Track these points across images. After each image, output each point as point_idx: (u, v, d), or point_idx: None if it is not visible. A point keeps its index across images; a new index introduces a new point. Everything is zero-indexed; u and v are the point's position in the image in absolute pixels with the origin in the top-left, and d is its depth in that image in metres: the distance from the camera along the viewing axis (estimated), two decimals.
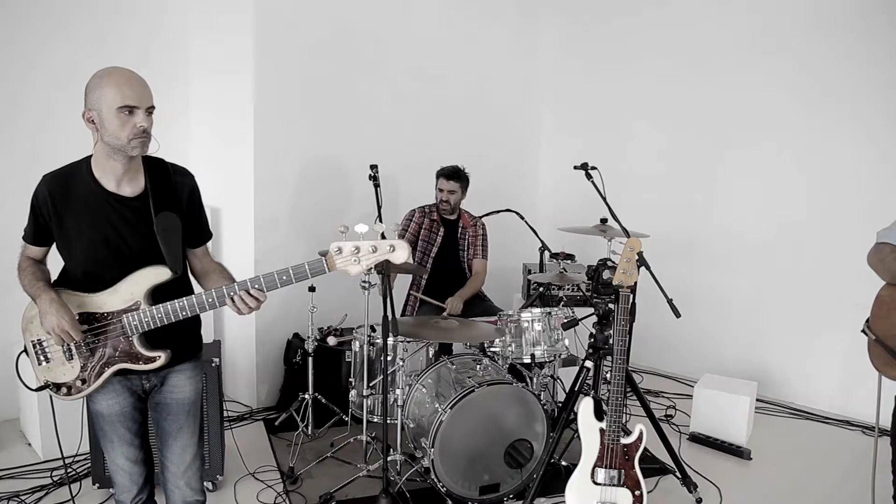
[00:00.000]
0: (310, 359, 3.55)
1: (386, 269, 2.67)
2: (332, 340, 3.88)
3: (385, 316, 2.64)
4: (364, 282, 3.18)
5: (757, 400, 3.99)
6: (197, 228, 2.00)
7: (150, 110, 1.79)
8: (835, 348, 4.13)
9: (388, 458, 3.12)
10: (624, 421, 3.70)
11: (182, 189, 1.93)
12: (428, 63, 4.77)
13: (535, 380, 3.22)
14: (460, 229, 4.05)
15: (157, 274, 1.85)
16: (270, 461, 3.38)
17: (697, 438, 3.72)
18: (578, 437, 2.59)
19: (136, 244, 1.85)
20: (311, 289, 3.51)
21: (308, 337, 3.54)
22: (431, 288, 3.98)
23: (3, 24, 3.53)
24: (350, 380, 3.44)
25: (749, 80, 4.46)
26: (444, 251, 4.00)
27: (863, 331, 1.90)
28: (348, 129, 4.33)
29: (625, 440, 2.59)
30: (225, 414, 3.53)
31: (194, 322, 2.03)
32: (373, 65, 4.46)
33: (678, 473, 3.08)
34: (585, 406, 2.63)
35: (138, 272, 1.85)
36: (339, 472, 3.19)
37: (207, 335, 3.89)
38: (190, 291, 1.99)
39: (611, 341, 2.80)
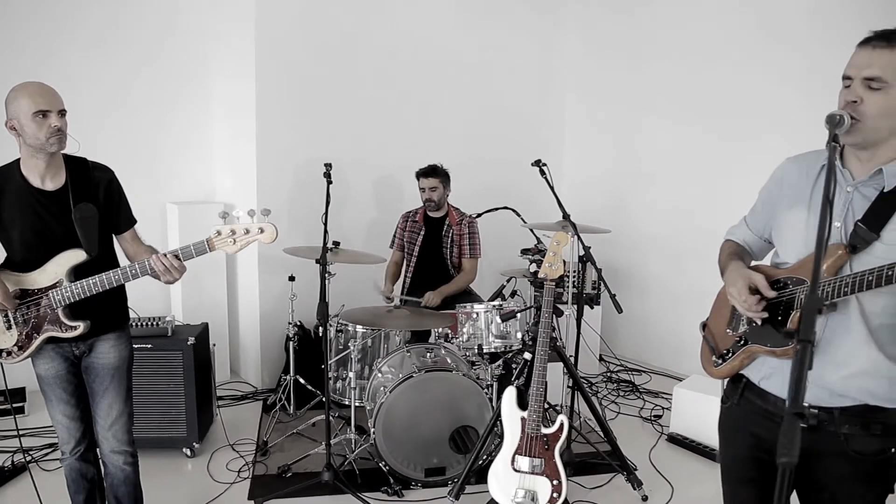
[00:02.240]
0: (290, 343, 3.83)
1: (323, 260, 2.88)
2: None
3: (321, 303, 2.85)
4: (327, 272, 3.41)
5: None
6: (118, 216, 2.31)
7: (62, 112, 2.12)
8: None
9: (345, 437, 3.35)
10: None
11: (99, 182, 2.25)
12: (436, 64, 4.89)
13: (489, 370, 3.30)
14: (445, 227, 4.07)
15: (76, 255, 2.18)
16: (253, 435, 3.70)
17: (674, 439, 3.64)
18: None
19: (59, 231, 2.18)
20: (291, 278, 3.79)
21: (289, 323, 3.82)
22: (416, 286, 4.08)
23: (4, 26, 3.93)
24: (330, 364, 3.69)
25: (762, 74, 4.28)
26: (427, 250, 4.06)
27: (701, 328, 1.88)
28: (350, 132, 4.53)
29: (546, 430, 2.64)
30: (219, 392, 3.91)
31: (116, 298, 2.33)
32: (378, 67, 4.63)
33: (623, 471, 3.07)
34: (508, 395, 2.70)
35: (61, 254, 2.18)
36: (307, 448, 3.44)
37: (219, 322, 4.32)
38: None
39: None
